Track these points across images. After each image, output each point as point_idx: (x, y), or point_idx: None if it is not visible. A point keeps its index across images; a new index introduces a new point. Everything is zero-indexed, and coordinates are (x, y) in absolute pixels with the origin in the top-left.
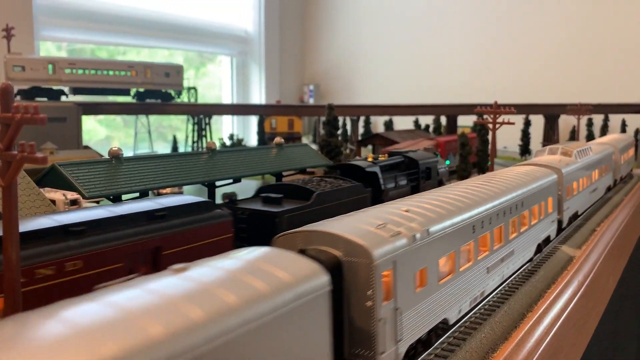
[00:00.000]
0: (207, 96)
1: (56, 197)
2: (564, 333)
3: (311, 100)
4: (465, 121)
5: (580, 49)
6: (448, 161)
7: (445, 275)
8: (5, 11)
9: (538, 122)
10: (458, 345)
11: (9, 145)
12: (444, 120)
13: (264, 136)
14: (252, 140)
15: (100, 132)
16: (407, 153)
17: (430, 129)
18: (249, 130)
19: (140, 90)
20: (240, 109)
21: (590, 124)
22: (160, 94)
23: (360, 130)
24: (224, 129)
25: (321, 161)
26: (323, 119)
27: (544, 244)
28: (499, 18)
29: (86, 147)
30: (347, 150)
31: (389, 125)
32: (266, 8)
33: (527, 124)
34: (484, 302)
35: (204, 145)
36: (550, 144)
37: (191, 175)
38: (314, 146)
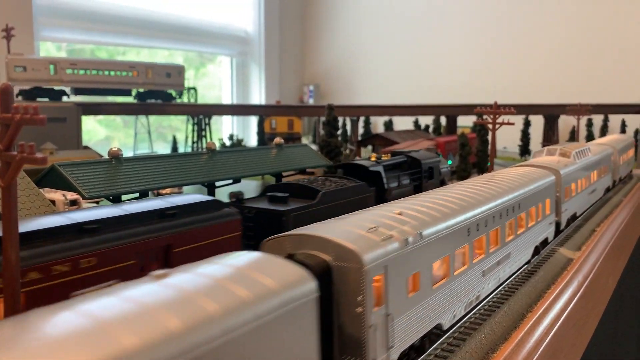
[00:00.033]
0: (207, 96)
1: (56, 198)
2: (563, 333)
3: (311, 101)
4: (465, 121)
5: (580, 49)
6: (450, 161)
7: (439, 279)
8: (5, 11)
9: (538, 123)
10: (458, 346)
11: (9, 145)
12: (443, 120)
13: (263, 136)
14: (252, 141)
15: (100, 133)
16: (410, 153)
17: (430, 129)
18: (248, 131)
19: (142, 90)
20: (240, 110)
21: (590, 124)
22: (161, 94)
23: (360, 131)
24: (223, 129)
25: (321, 161)
26: (323, 119)
27: (542, 246)
28: (499, 18)
29: (86, 148)
30: (347, 151)
31: (388, 125)
32: (266, 8)
33: (527, 124)
34: (483, 304)
35: (204, 146)
36: (550, 144)
37: (191, 176)
38: (314, 146)
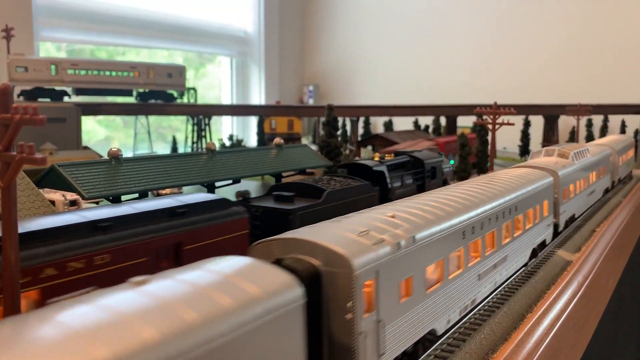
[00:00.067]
0: (207, 97)
1: (55, 198)
2: (563, 334)
3: (311, 101)
4: (465, 122)
5: (580, 49)
6: (452, 161)
7: (433, 283)
8: (5, 12)
9: (538, 123)
10: (458, 347)
11: (8, 146)
12: (443, 120)
13: (263, 137)
14: (252, 141)
15: (100, 133)
16: (413, 153)
17: (430, 130)
18: (248, 131)
19: (143, 90)
20: (240, 110)
21: (589, 124)
22: (162, 94)
23: (360, 131)
24: (223, 129)
25: (321, 162)
26: (323, 119)
27: (540, 248)
28: (498, 18)
29: (86, 148)
30: (347, 151)
31: (388, 125)
32: (265, 8)
33: (527, 124)
34: (481, 305)
35: (204, 146)
36: (550, 144)
37: (191, 176)
38: (314, 147)
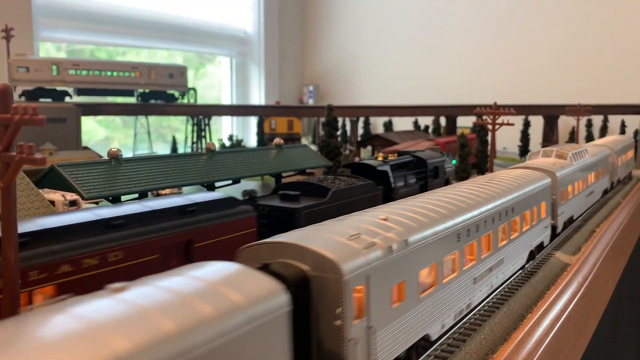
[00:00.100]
0: (207, 97)
1: (55, 198)
2: (563, 334)
3: (310, 101)
4: (465, 122)
5: (579, 49)
6: (454, 161)
7: (426, 288)
8: (5, 12)
9: (537, 123)
10: (458, 347)
11: (8, 146)
12: (443, 121)
13: (263, 137)
14: (252, 141)
15: (100, 133)
16: (416, 152)
17: (430, 130)
18: (248, 131)
19: (144, 91)
20: (240, 110)
21: (589, 124)
22: (164, 94)
23: (360, 131)
24: (223, 129)
25: (320, 162)
26: (322, 119)
27: (537, 250)
28: (498, 18)
29: (85, 148)
30: (347, 151)
31: (388, 126)
32: (265, 9)
33: (527, 124)
34: (479, 308)
35: (204, 146)
36: (550, 144)
37: (190, 176)
38: (314, 147)
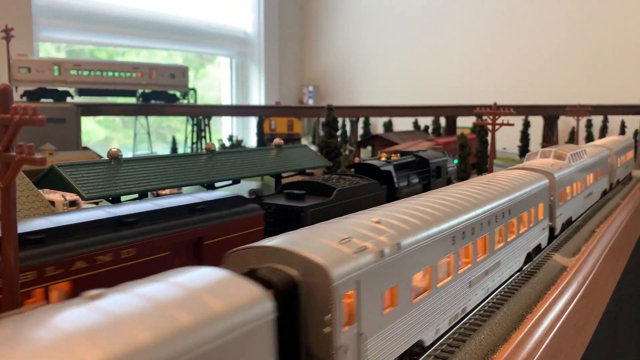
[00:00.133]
0: (206, 97)
1: (55, 198)
2: (563, 334)
3: (310, 102)
4: (465, 122)
5: (579, 49)
6: (456, 160)
7: (420, 292)
8: (5, 12)
9: (537, 124)
10: (457, 347)
11: (8, 146)
12: (443, 121)
13: (263, 137)
14: (252, 142)
15: (100, 133)
16: (418, 152)
17: (430, 130)
18: (248, 132)
19: (146, 91)
20: (240, 110)
21: (589, 125)
22: (165, 95)
23: (360, 132)
24: (223, 130)
25: (320, 162)
26: (322, 120)
27: (535, 252)
28: (498, 19)
29: (85, 148)
30: (347, 152)
31: (388, 126)
32: (265, 9)
33: (527, 125)
34: (478, 309)
35: (203, 147)
36: (550, 145)
37: (190, 177)
38: (314, 147)
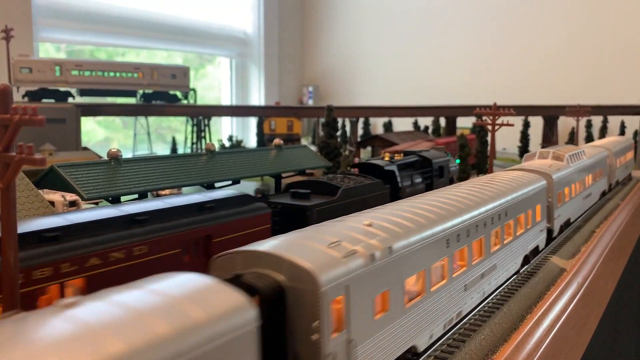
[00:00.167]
0: (206, 97)
1: (55, 199)
2: (563, 335)
3: (310, 102)
4: (465, 122)
5: (579, 50)
6: (458, 160)
7: (413, 297)
8: (4, 12)
9: (537, 124)
10: (457, 347)
11: (8, 146)
12: (443, 121)
13: (263, 137)
14: (252, 142)
15: (99, 134)
16: (421, 152)
17: (430, 130)
18: (248, 132)
19: (147, 91)
20: (240, 111)
21: (589, 125)
22: (166, 95)
23: (360, 132)
24: (223, 130)
25: (320, 162)
26: (322, 120)
27: (533, 254)
28: (498, 19)
29: (85, 149)
30: (346, 152)
31: (388, 126)
32: (265, 9)
33: (526, 125)
34: (480, 307)
35: (203, 147)
36: (550, 145)
37: (190, 177)
38: (313, 147)
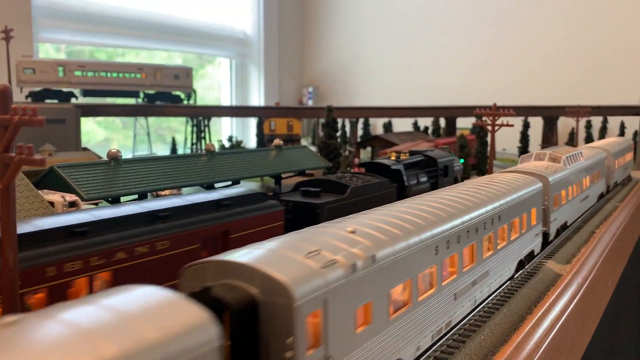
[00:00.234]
0: (206, 98)
1: (55, 199)
2: (563, 335)
3: (310, 102)
4: (464, 123)
5: (579, 50)
6: (462, 160)
7: (398, 307)
8: (4, 13)
9: (537, 124)
10: (457, 348)
11: (7, 147)
12: (443, 122)
13: (263, 138)
14: (251, 142)
15: (99, 134)
16: (426, 152)
17: (429, 131)
18: (248, 132)
19: (150, 92)
20: (239, 111)
21: (589, 126)
22: (169, 96)
23: (359, 132)
24: (223, 130)
25: (320, 163)
26: (322, 120)
27: (528, 259)
28: (498, 20)
29: (85, 149)
30: (346, 152)
31: (387, 127)
32: (265, 10)
33: (526, 126)
34: (480, 308)
35: (203, 147)
36: (550, 145)
37: (190, 177)
38: (313, 148)
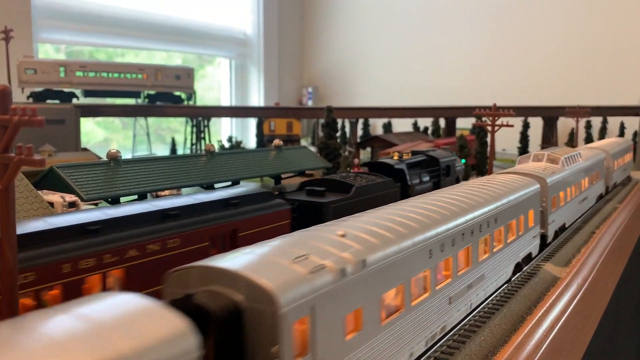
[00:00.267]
0: (206, 98)
1: (54, 200)
2: (563, 336)
3: (310, 103)
4: (464, 123)
5: (579, 51)
6: (463, 160)
7: (390, 313)
8: (4, 13)
9: (537, 125)
10: (457, 348)
11: (7, 147)
12: (442, 122)
13: (262, 138)
14: (251, 143)
15: (99, 134)
16: (429, 152)
17: (429, 131)
18: (247, 133)
19: (151, 92)
20: (239, 111)
21: (588, 126)
22: (170, 96)
23: (359, 133)
24: (222, 131)
25: (320, 163)
26: (322, 121)
27: (525, 262)
28: (498, 20)
29: (84, 150)
30: (346, 153)
31: (387, 127)
32: (265, 10)
33: (526, 126)
34: (480, 308)
35: (203, 148)
36: (549, 146)
37: (189, 178)
38: (313, 148)
